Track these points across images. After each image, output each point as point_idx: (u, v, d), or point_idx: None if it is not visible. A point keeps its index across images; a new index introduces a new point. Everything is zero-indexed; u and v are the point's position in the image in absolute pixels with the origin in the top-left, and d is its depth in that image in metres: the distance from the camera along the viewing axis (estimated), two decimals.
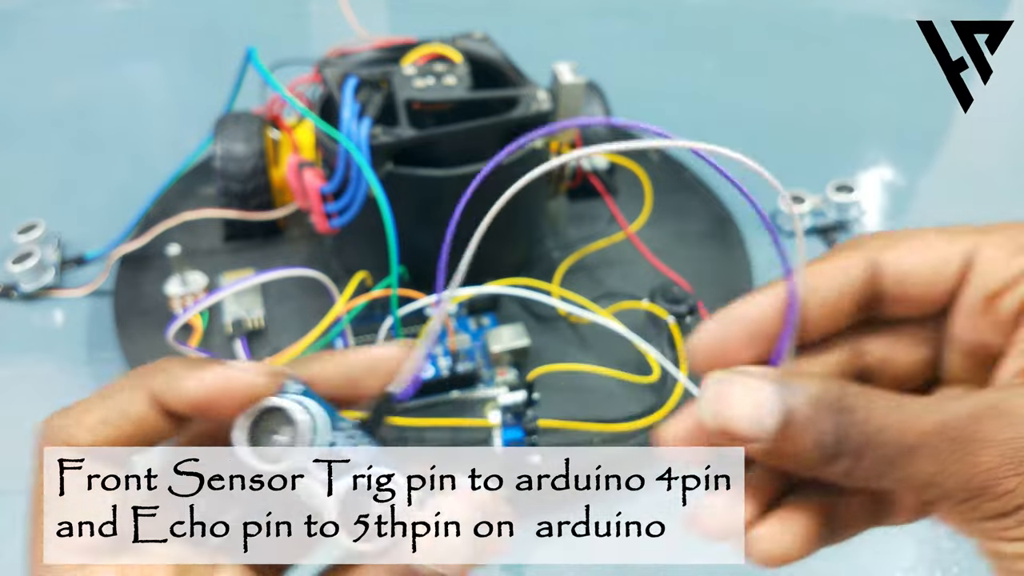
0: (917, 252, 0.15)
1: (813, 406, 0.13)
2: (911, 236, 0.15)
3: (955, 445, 0.12)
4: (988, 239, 0.14)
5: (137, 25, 0.65)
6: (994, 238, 0.14)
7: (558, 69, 0.35)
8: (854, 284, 0.15)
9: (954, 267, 0.14)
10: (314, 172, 0.33)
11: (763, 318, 0.15)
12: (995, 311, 0.14)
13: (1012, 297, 0.14)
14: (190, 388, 0.15)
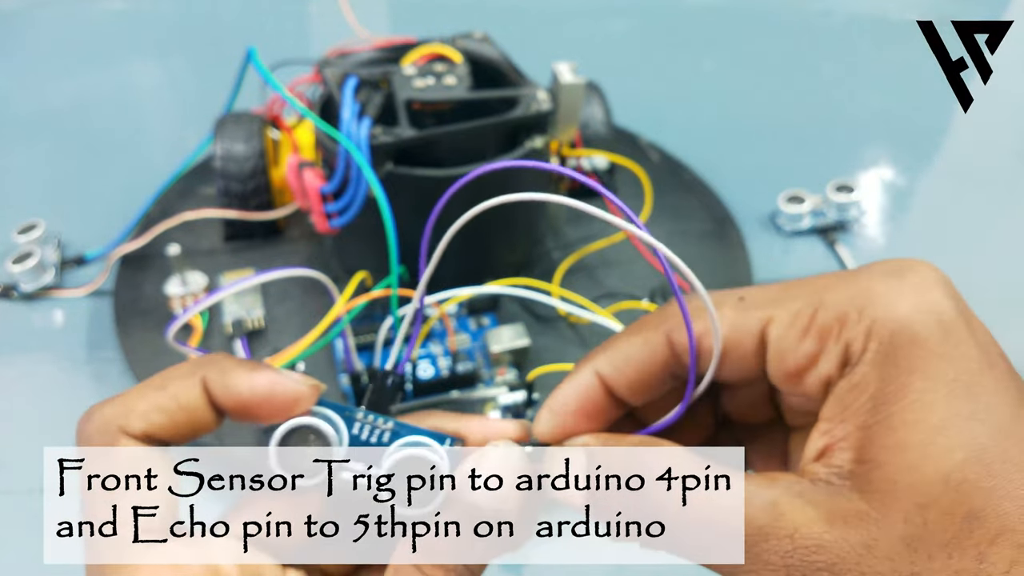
0: (710, 331, 0.14)
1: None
2: (705, 312, 0.14)
3: (748, 558, 0.12)
4: (779, 314, 0.13)
5: (137, 25, 0.65)
6: (784, 313, 0.13)
7: (558, 69, 0.35)
8: (660, 358, 0.15)
9: (750, 346, 0.14)
10: (314, 172, 0.33)
11: (585, 399, 0.15)
12: (801, 386, 0.13)
13: (811, 378, 0.13)
14: (242, 387, 0.15)
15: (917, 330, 0.12)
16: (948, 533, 0.11)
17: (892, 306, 0.12)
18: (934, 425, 0.11)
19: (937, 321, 0.12)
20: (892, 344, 0.12)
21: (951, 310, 0.12)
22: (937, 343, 0.12)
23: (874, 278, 0.13)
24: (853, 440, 0.12)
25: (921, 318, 0.12)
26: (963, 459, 0.11)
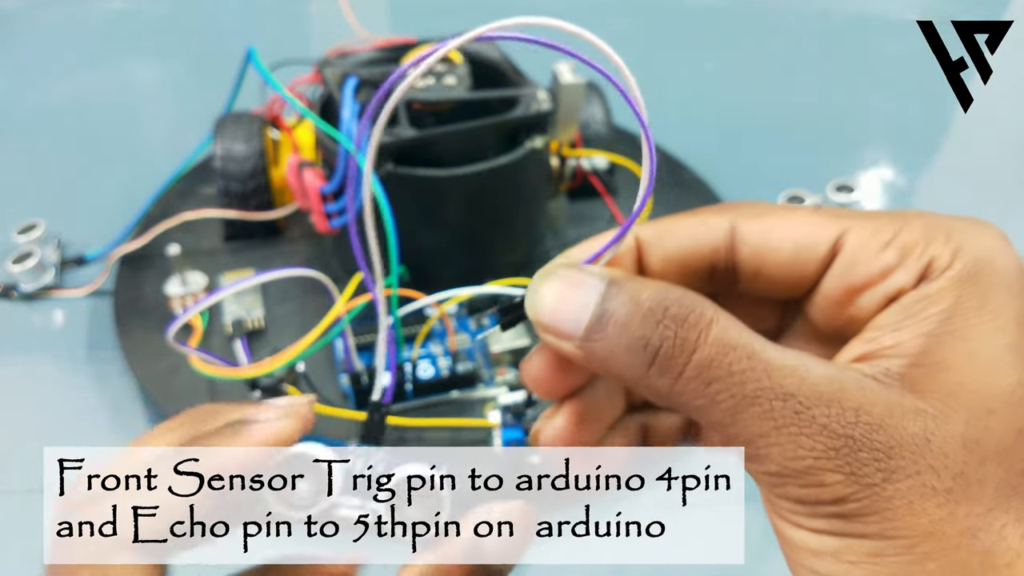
0: (783, 228, 0.13)
1: (634, 308, 0.12)
2: (782, 211, 0.14)
3: (793, 419, 0.11)
4: (861, 226, 0.13)
5: (137, 25, 0.65)
6: (866, 226, 0.13)
7: (558, 69, 0.35)
8: (711, 243, 0.14)
9: (820, 252, 0.13)
10: (314, 172, 0.33)
11: (613, 255, 0.14)
12: (854, 305, 0.13)
13: (873, 294, 0.13)
14: (229, 464, 0.15)
15: (999, 263, 0.13)
16: (1004, 443, 0.12)
17: (977, 239, 0.13)
18: (1007, 344, 0.12)
19: (1015, 262, 0.13)
20: (976, 267, 0.12)
21: (1020, 261, 0.13)
22: (1014, 279, 0.12)
23: (955, 219, 0.13)
24: (911, 347, 0.12)
25: (1003, 256, 0.13)
26: (1018, 382, 0.12)
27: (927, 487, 0.11)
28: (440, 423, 0.30)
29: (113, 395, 0.33)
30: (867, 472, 0.11)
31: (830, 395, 0.12)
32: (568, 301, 0.12)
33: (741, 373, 0.12)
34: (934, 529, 0.11)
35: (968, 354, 0.12)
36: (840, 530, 0.12)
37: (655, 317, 0.12)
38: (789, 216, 0.14)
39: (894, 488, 0.11)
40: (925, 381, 0.12)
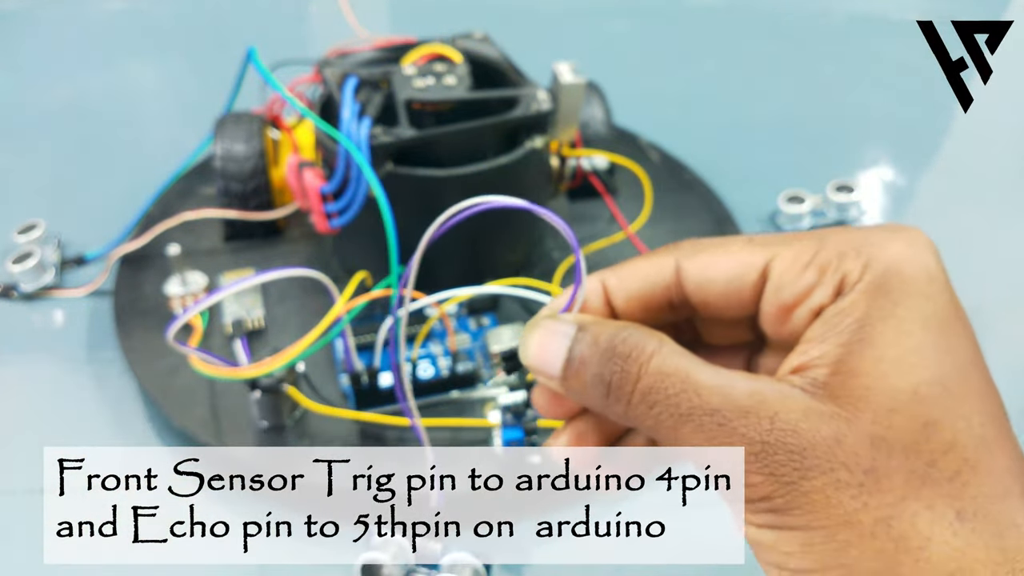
0: (717, 262, 0.16)
1: (594, 349, 0.15)
2: (715, 246, 0.16)
3: (719, 431, 0.13)
4: (784, 251, 0.15)
5: (137, 25, 0.65)
6: (789, 250, 0.15)
7: (558, 69, 0.35)
8: (662, 281, 0.16)
9: (751, 279, 0.15)
10: (314, 172, 0.33)
11: (585, 301, 0.17)
12: (790, 320, 0.15)
13: (802, 310, 0.15)
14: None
15: (907, 270, 0.14)
16: (908, 437, 0.13)
17: (887, 249, 0.14)
18: (910, 347, 0.13)
19: (924, 267, 0.14)
20: (884, 277, 0.14)
21: (936, 264, 0.14)
22: (923, 284, 0.14)
23: (872, 231, 0.15)
24: (831, 357, 0.14)
25: (911, 263, 0.14)
26: (930, 378, 0.13)
27: (841, 482, 0.13)
28: (440, 423, 0.30)
29: (113, 395, 0.33)
30: (784, 472, 0.13)
31: (749, 407, 0.13)
32: (547, 348, 0.15)
33: (676, 395, 0.14)
34: (850, 519, 0.13)
35: (875, 359, 0.13)
36: (775, 523, 0.13)
37: (607, 355, 0.14)
38: (722, 250, 0.16)
39: (810, 484, 0.13)
40: (841, 387, 0.13)
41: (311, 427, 0.30)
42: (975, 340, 0.14)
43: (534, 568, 0.27)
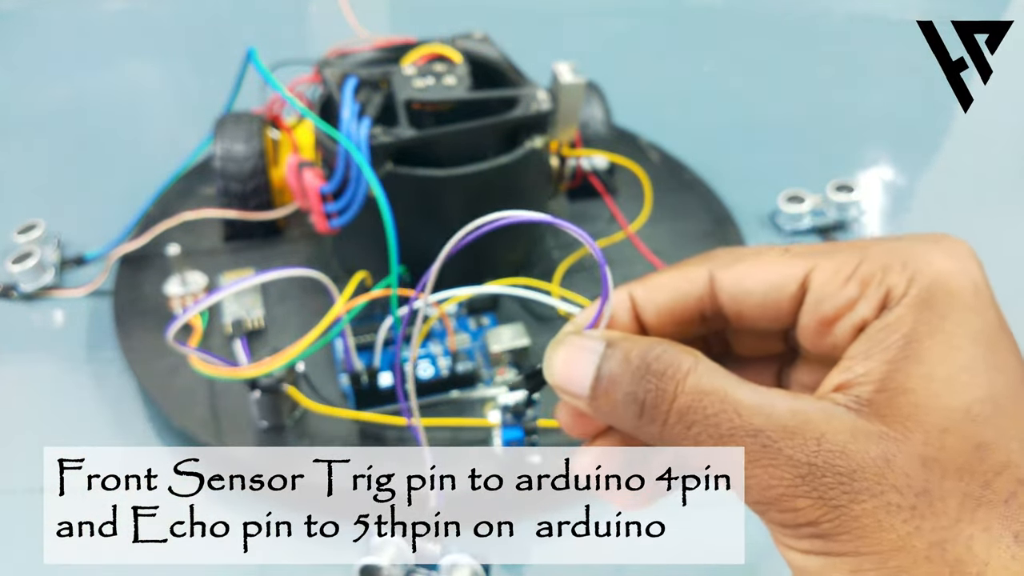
0: (754, 273, 0.15)
1: (624, 367, 0.14)
2: (751, 256, 0.15)
3: (762, 453, 0.13)
4: (824, 263, 0.14)
5: (137, 25, 0.65)
6: (829, 262, 0.14)
7: (558, 69, 0.35)
8: (695, 293, 0.15)
9: (790, 291, 0.15)
10: (314, 172, 0.33)
11: (612, 315, 0.16)
12: (831, 334, 0.14)
13: (844, 324, 0.14)
14: None
15: (953, 284, 0.13)
16: (961, 459, 0.12)
17: (933, 262, 0.14)
18: (961, 364, 0.13)
19: (971, 280, 0.14)
20: (930, 291, 0.13)
21: (981, 277, 0.14)
22: (969, 297, 0.13)
23: (915, 241, 0.14)
24: (876, 374, 0.13)
25: (957, 275, 0.13)
26: (982, 396, 0.13)
27: (892, 505, 0.12)
28: (440, 423, 0.30)
29: (113, 395, 0.33)
30: (833, 495, 0.12)
31: (794, 427, 0.13)
32: (574, 366, 0.14)
33: (715, 415, 0.13)
34: (903, 544, 0.12)
35: (924, 377, 0.13)
36: (822, 550, 0.13)
37: (640, 373, 0.14)
38: (759, 260, 0.15)
39: (860, 508, 0.12)
40: (888, 406, 0.13)
41: (311, 427, 0.30)
42: (1021, 355, 0.14)
43: (534, 568, 0.27)
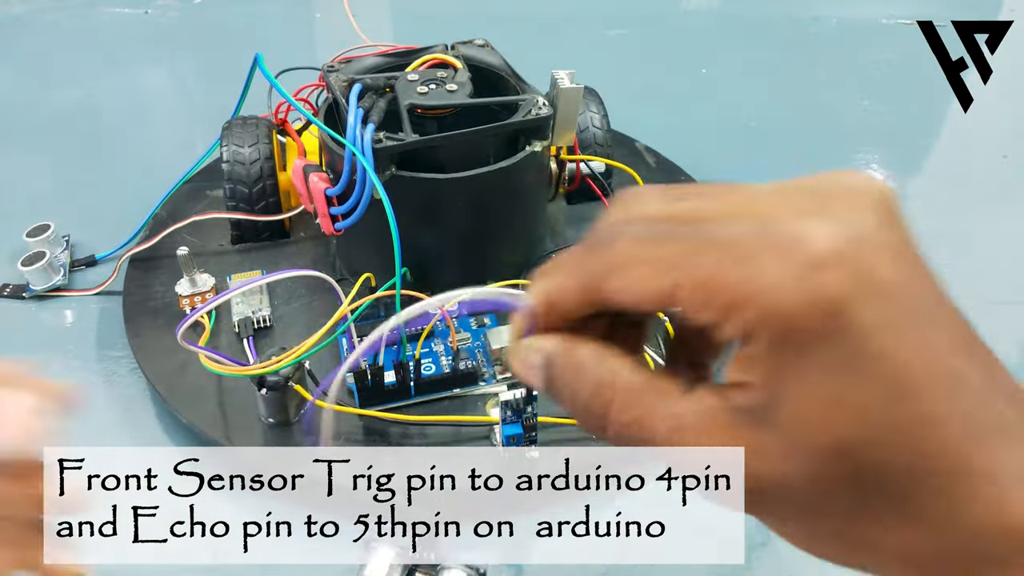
0: (625, 291, 0.15)
1: (559, 381, 0.16)
2: (620, 267, 0.15)
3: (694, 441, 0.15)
4: (685, 280, 0.14)
5: (146, 31, 0.66)
6: (688, 280, 0.14)
7: (556, 76, 0.35)
8: (580, 301, 0.16)
9: (663, 304, 0.15)
10: (320, 176, 0.34)
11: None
12: (708, 338, 0.15)
13: (719, 336, 0.14)
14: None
15: (800, 323, 0.13)
16: (827, 473, 0.13)
17: (779, 300, 0.13)
18: (823, 400, 0.13)
19: (821, 312, 0.13)
20: (780, 333, 0.13)
21: (840, 293, 0.13)
22: (819, 331, 0.13)
23: (766, 260, 0.14)
24: (756, 392, 0.14)
25: (805, 310, 0.13)
26: (838, 438, 0.13)
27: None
28: (442, 419, 0.31)
29: (122, 393, 0.34)
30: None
31: (684, 440, 0.15)
32: (526, 374, 0.17)
33: (645, 418, 0.15)
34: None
35: (789, 420, 0.14)
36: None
37: (575, 388, 0.16)
38: (628, 276, 0.15)
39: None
40: (766, 420, 0.14)
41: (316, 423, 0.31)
42: (894, 372, 0.13)
43: (534, 568, 0.27)
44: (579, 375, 0.16)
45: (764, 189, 0.15)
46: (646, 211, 0.16)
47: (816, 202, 0.14)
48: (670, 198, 0.16)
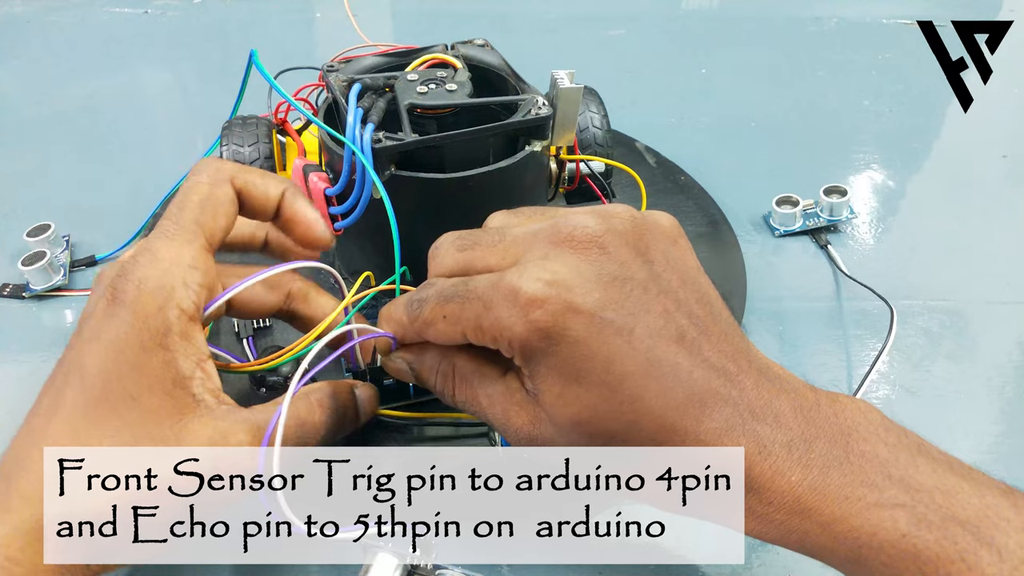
0: (438, 337, 0.24)
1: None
2: (431, 324, 0.23)
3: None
4: (467, 327, 0.22)
5: (146, 31, 0.66)
6: (469, 326, 0.22)
7: (556, 75, 0.35)
8: (414, 337, 0.25)
9: (462, 340, 0.23)
10: (319, 175, 0.34)
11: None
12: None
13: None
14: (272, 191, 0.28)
15: (531, 345, 0.20)
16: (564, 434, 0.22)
17: (514, 333, 0.20)
18: (556, 391, 0.21)
19: (540, 336, 0.20)
20: (522, 352, 0.21)
21: (547, 322, 0.20)
22: (543, 348, 0.20)
23: (501, 308, 0.20)
24: (528, 384, 0.22)
25: (530, 336, 0.20)
26: (571, 416, 0.21)
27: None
28: (441, 416, 0.31)
29: None
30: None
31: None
32: (399, 375, 0.27)
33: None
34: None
35: (543, 402, 0.21)
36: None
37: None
38: (434, 328, 0.23)
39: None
40: (536, 403, 0.22)
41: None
42: (597, 360, 0.19)
43: (534, 568, 0.27)
44: (430, 370, 0.24)
45: (519, 236, 0.22)
46: (444, 264, 0.24)
47: (539, 249, 0.21)
48: (458, 248, 0.24)
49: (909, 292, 0.38)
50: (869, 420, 0.20)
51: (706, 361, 0.20)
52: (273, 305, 0.28)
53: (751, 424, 0.19)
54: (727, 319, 0.22)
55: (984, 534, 0.17)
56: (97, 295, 0.23)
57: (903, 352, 0.36)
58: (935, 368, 0.35)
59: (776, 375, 0.21)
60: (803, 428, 0.19)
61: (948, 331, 0.37)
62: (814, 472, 0.18)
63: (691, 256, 0.24)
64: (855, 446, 0.19)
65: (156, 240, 0.24)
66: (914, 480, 0.18)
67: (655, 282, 0.21)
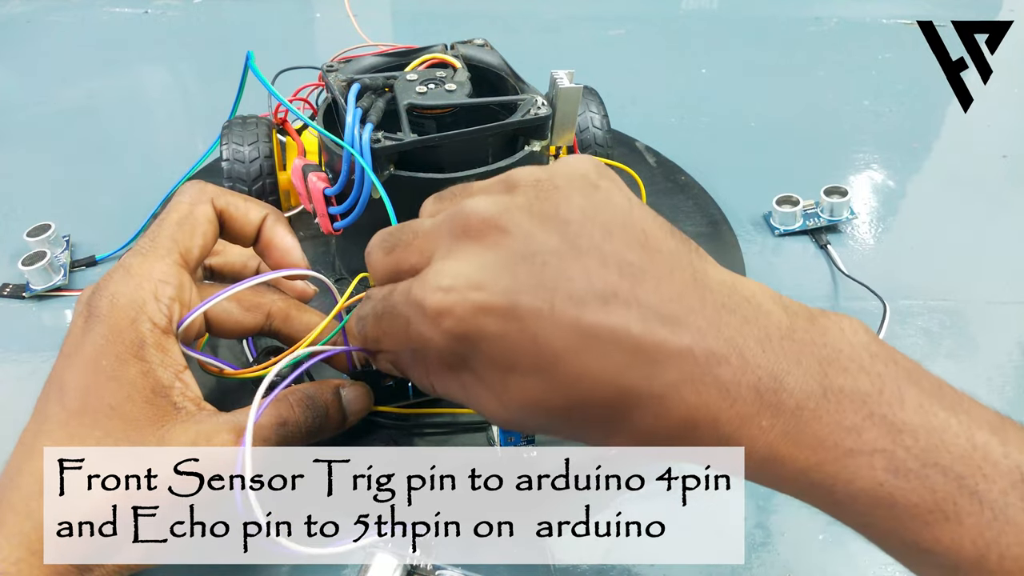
0: (386, 350, 0.25)
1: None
2: (377, 341, 0.24)
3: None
4: (400, 340, 0.23)
5: (146, 31, 0.66)
6: (402, 339, 0.22)
7: (556, 75, 0.35)
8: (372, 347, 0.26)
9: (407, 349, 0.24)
10: (319, 175, 0.34)
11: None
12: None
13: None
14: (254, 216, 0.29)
15: (450, 349, 0.20)
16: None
17: (432, 342, 0.20)
18: (497, 383, 0.21)
19: (455, 341, 0.20)
20: (453, 355, 0.21)
21: (457, 328, 0.19)
22: (462, 351, 0.20)
23: (417, 321, 0.20)
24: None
25: (447, 342, 0.20)
26: (514, 402, 0.21)
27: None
28: (439, 411, 0.31)
29: None
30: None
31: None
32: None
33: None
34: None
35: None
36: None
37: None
38: (380, 343, 0.24)
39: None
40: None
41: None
42: (522, 348, 0.19)
43: (534, 568, 0.27)
44: (408, 367, 0.25)
45: (429, 231, 0.22)
46: (376, 271, 0.24)
47: (443, 246, 0.20)
48: (384, 251, 0.24)
49: (909, 292, 0.38)
50: (853, 345, 0.18)
51: (645, 313, 0.18)
52: (253, 325, 0.28)
53: (712, 368, 0.17)
54: (672, 251, 0.19)
55: (967, 482, 0.16)
56: (76, 312, 0.24)
57: (903, 352, 0.36)
58: (935, 368, 0.35)
59: (742, 300, 0.18)
60: (773, 363, 0.17)
61: (948, 331, 0.37)
62: (785, 416, 0.17)
63: (617, 195, 0.20)
64: (834, 379, 0.17)
65: (131, 257, 0.24)
66: (897, 418, 0.17)
67: (571, 245, 0.18)
